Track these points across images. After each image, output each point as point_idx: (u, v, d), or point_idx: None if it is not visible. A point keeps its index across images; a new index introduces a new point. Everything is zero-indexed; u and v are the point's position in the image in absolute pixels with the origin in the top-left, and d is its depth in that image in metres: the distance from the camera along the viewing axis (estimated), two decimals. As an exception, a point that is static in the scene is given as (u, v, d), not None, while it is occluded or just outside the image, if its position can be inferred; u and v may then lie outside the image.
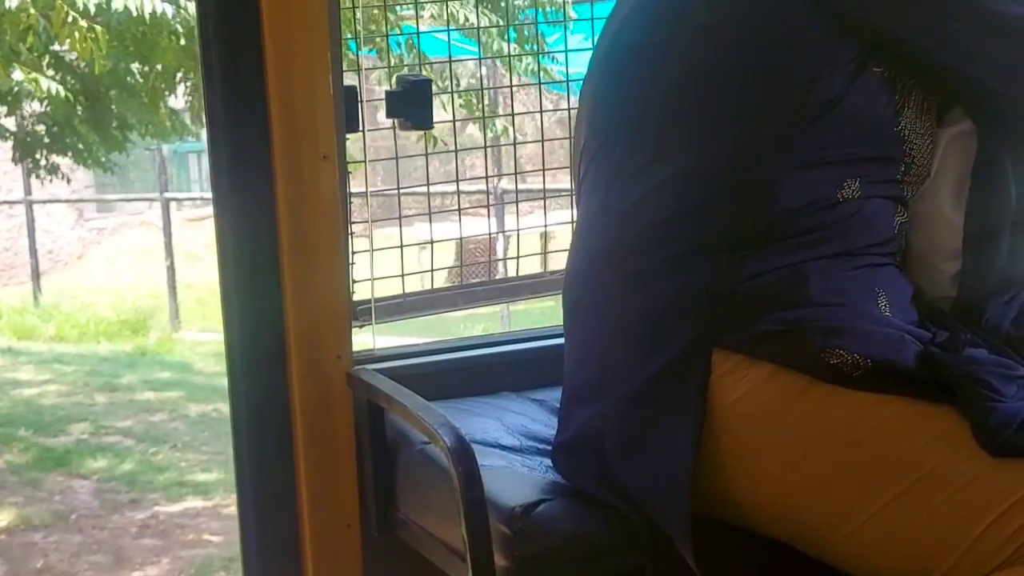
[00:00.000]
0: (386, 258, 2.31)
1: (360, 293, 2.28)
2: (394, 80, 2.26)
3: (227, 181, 2.10)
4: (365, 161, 2.33)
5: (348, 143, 2.20)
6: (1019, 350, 1.79)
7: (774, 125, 1.69)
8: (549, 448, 1.93)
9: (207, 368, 8.16)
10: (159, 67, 6.82)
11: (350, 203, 2.25)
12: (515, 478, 1.88)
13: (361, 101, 2.22)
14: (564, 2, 2.58)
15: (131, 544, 5.09)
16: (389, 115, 2.23)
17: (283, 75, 2.04)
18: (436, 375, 2.26)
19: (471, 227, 2.59)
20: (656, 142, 1.76)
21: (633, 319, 1.74)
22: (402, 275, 2.38)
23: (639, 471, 1.71)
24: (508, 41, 3.27)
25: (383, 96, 2.23)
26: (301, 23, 2.03)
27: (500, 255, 4.13)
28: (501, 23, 3.33)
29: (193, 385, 7.64)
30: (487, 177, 2.49)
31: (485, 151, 2.40)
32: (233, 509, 5.30)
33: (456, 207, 2.52)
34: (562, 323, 1.91)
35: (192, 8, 6.20)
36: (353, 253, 2.24)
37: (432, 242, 2.52)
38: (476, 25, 3.06)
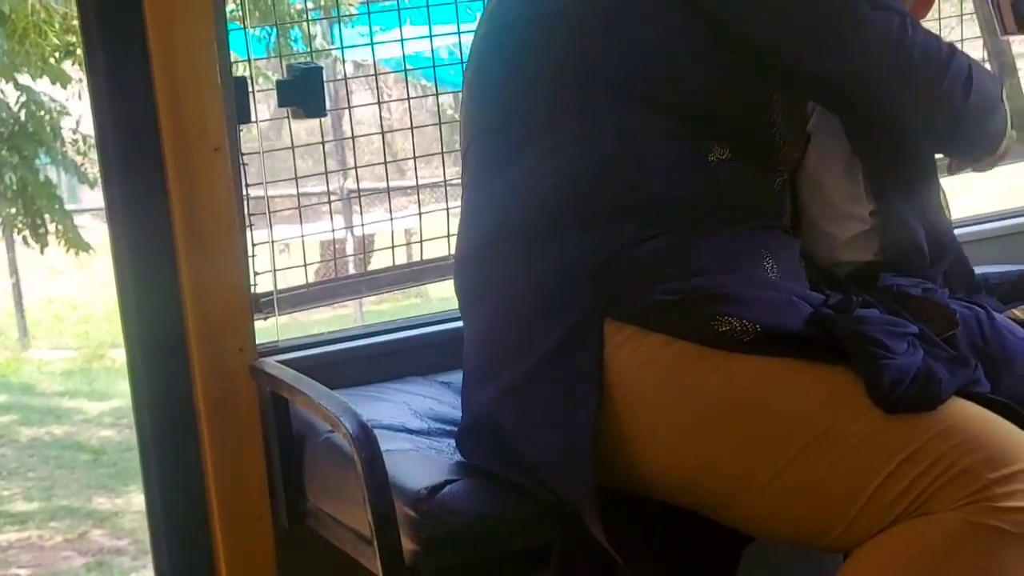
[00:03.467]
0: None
1: (263, 285, 2.26)
2: (284, 68, 2.24)
3: (117, 176, 2.07)
4: (260, 152, 2.31)
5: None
6: (913, 308, 1.81)
7: (653, 97, 1.70)
8: (456, 430, 1.93)
9: (50, 388, 7.77)
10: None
11: (247, 195, 2.23)
12: (422, 461, 1.88)
13: (252, 92, 2.20)
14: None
15: (-70, 584, 4.82)
16: (281, 104, 2.21)
17: (168, 67, 2.01)
18: (343, 363, 2.24)
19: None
20: (539, 117, 1.75)
21: (523, 296, 1.73)
22: (304, 265, 2.37)
23: (541, 448, 1.71)
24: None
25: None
26: (184, 13, 2.01)
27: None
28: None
29: (29, 408, 7.26)
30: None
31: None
32: (49, 540, 5.15)
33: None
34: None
35: None
36: (253, 245, 2.22)
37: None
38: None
